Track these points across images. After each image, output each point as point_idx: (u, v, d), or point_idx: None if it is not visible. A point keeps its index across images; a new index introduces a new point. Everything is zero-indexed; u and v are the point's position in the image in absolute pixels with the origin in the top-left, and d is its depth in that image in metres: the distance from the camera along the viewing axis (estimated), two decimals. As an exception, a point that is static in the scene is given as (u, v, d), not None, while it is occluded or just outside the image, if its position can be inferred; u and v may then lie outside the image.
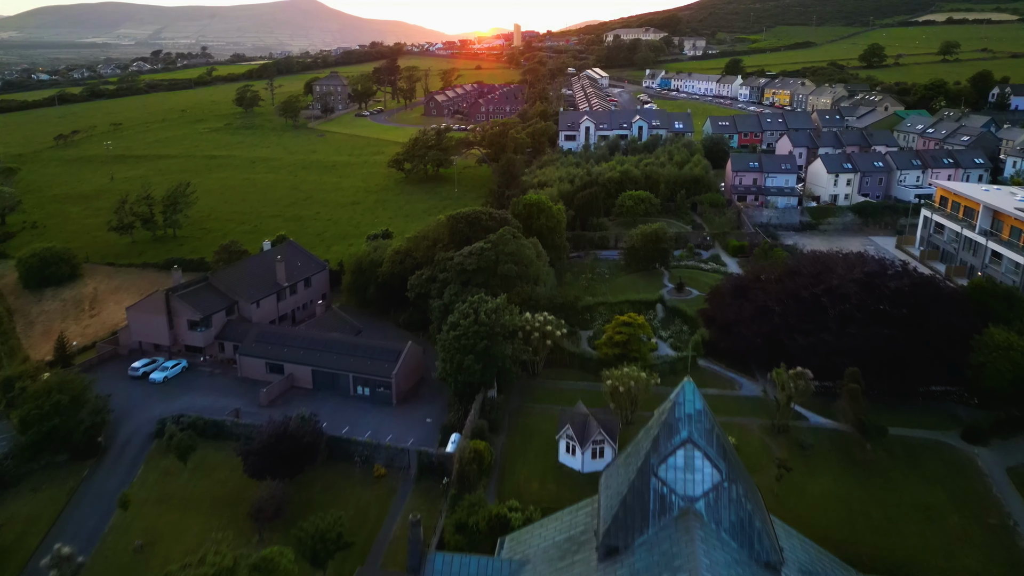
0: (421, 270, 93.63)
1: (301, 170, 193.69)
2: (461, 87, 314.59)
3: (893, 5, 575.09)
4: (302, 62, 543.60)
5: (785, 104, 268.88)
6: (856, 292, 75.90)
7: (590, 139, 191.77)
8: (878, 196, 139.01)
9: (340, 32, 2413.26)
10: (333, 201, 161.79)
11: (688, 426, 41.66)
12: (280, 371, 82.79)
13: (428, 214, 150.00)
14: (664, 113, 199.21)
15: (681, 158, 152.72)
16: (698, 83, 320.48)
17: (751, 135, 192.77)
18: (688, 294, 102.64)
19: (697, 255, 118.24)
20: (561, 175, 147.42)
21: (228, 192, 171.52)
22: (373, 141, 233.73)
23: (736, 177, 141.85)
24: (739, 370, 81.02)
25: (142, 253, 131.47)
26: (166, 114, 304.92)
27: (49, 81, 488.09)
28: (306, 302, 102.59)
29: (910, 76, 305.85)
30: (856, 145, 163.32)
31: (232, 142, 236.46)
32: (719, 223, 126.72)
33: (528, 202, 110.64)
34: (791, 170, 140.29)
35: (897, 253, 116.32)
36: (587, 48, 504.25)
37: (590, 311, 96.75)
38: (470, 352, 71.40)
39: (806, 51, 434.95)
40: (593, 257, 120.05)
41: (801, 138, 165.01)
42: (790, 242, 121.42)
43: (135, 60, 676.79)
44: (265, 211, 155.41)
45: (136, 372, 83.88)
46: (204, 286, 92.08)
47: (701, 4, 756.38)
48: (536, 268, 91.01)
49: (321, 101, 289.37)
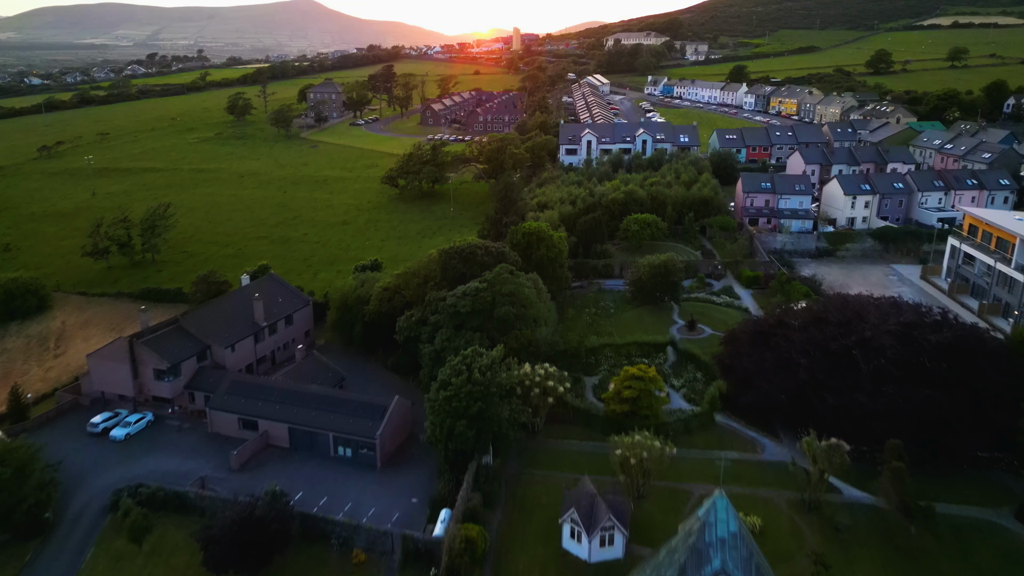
0: (411, 311, 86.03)
1: (291, 185, 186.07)
2: (459, 95, 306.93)
3: (897, 8, 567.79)
4: (298, 66, 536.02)
5: (792, 113, 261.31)
6: (892, 345, 68.25)
7: (592, 153, 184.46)
8: (898, 219, 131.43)
9: (339, 33, 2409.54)
10: (323, 220, 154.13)
11: (722, 553, 34.13)
12: (254, 428, 75.11)
13: (422, 236, 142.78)
14: (669, 126, 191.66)
15: (688, 177, 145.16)
16: (702, 90, 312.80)
17: (760, 149, 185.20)
18: (700, 333, 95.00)
19: (708, 286, 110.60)
20: (562, 196, 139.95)
21: (213, 210, 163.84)
22: (367, 153, 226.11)
23: (747, 198, 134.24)
24: (761, 428, 73.34)
25: (117, 280, 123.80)
26: (156, 122, 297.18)
27: (40, 86, 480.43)
28: (287, 341, 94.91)
29: (919, 83, 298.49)
30: (871, 162, 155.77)
31: (221, 154, 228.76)
32: (731, 250, 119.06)
33: (527, 231, 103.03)
34: (805, 191, 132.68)
35: (923, 285, 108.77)
36: (587, 52, 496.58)
37: (595, 354, 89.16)
38: (462, 416, 63.77)
39: (811, 56, 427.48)
40: (597, 287, 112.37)
41: (813, 154, 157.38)
42: (807, 272, 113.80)
43: (130, 63, 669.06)
44: (251, 232, 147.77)
45: (95, 428, 76.18)
46: (173, 330, 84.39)
47: (703, 7, 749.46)
48: (536, 309, 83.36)
49: (315, 110, 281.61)
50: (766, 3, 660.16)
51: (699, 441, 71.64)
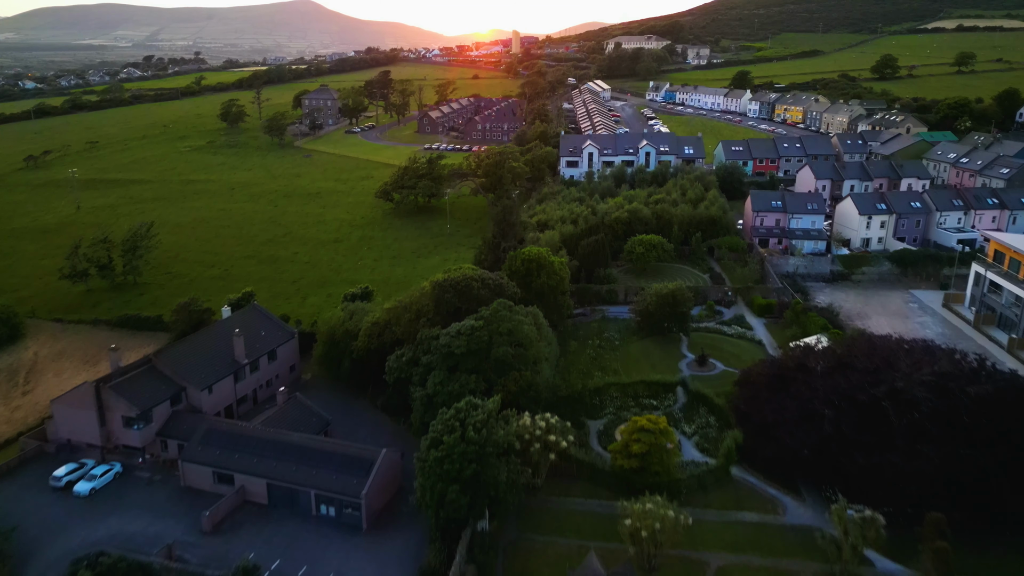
0: (401, 349, 80.00)
1: (283, 199, 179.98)
2: (456, 101, 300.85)
3: (900, 11, 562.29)
4: (295, 70, 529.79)
5: (798, 121, 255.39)
6: (926, 398, 62.29)
7: (594, 165, 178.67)
8: (915, 240, 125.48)
9: (338, 34, 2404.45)
10: (314, 238, 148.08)
11: None
12: (230, 482, 69.06)
13: (416, 255, 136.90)
14: (673, 137, 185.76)
15: (695, 194, 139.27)
16: (704, 97, 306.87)
17: (767, 161, 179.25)
18: (712, 368, 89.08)
19: (718, 314, 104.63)
20: (563, 214, 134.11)
21: (201, 226, 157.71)
22: (362, 163, 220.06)
23: (757, 217, 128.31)
24: (782, 485, 67.27)
25: (96, 305, 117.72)
26: (148, 129, 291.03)
27: (33, 91, 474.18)
28: (270, 377, 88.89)
29: (926, 90, 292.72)
30: (885, 177, 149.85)
31: (213, 164, 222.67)
32: (741, 275, 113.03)
33: (527, 257, 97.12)
34: (818, 210, 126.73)
35: (945, 314, 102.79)
36: (588, 56, 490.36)
37: (599, 394, 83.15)
38: (455, 480, 57.81)
39: (814, 60, 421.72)
40: (600, 315, 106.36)
41: (824, 169, 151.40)
42: (823, 299, 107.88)
43: (126, 66, 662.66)
44: (238, 251, 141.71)
45: (58, 483, 70.07)
46: (145, 371, 78.28)
47: (703, 9, 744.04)
48: (536, 349, 77.33)
49: (310, 117, 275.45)
50: (768, 5, 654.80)
51: (715, 500, 65.64)
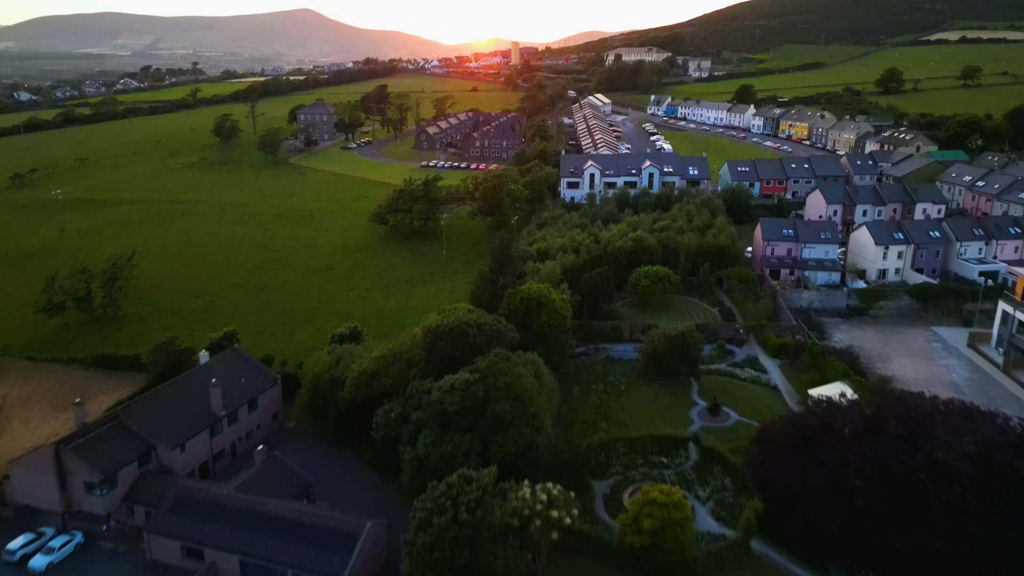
0: (390, 404, 73.90)
1: (274, 221, 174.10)
2: (455, 116, 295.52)
3: (902, 23, 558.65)
4: (292, 82, 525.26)
5: (803, 138, 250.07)
6: (969, 472, 56.21)
7: (595, 186, 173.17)
8: (934, 271, 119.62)
9: (338, 42, 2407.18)
10: (304, 265, 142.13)
11: None
12: (200, 557, 62.82)
13: (411, 284, 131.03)
14: (677, 157, 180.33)
15: (702, 221, 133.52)
16: (707, 111, 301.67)
17: (774, 183, 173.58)
18: (725, 418, 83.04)
19: (730, 354, 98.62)
20: (564, 242, 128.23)
21: (188, 251, 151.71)
22: (357, 182, 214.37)
23: (768, 247, 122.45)
24: (808, 564, 61.00)
25: (72, 341, 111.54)
26: (140, 145, 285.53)
27: (28, 102, 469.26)
28: (251, 429, 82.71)
29: (932, 104, 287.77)
30: (898, 202, 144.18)
31: (204, 182, 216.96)
32: (753, 311, 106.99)
33: (526, 295, 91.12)
34: (831, 239, 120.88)
35: (971, 355, 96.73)
36: (588, 68, 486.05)
37: (605, 450, 76.98)
38: (446, 570, 51.71)
39: (817, 73, 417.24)
40: (604, 355, 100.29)
41: (835, 193, 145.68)
42: (839, 336, 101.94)
43: (123, 77, 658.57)
44: (225, 278, 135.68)
45: (12, 557, 63.79)
46: (112, 428, 72.04)
47: (704, 20, 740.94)
48: (537, 405, 71.19)
49: (305, 133, 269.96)
50: (768, 16, 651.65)
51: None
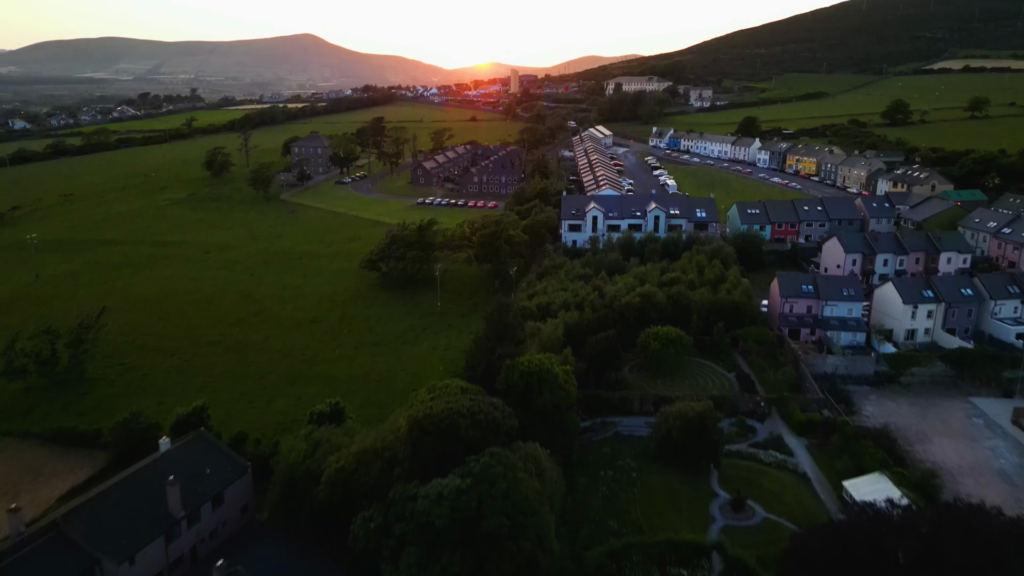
0: (370, 511, 64.57)
1: (261, 265, 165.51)
2: (452, 150, 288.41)
3: (904, 52, 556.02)
4: (289, 110, 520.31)
5: (811, 173, 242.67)
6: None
7: (598, 228, 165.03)
8: (967, 331, 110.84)
9: (339, 67, 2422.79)
10: (289, 318, 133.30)
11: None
12: None
13: (402, 342, 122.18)
14: (684, 199, 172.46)
15: (714, 274, 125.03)
16: (711, 144, 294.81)
17: (786, 226, 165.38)
18: (751, 515, 73.76)
19: (750, 431, 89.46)
20: (567, 297, 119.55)
21: (167, 301, 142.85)
22: (350, 221, 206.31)
23: (786, 304, 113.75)
24: None
25: (32, 409, 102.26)
26: (129, 179, 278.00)
27: (21, 131, 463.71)
28: (216, 527, 73.24)
29: (942, 137, 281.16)
30: (921, 251, 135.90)
31: (191, 221, 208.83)
32: (774, 380, 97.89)
33: (526, 370, 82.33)
34: (855, 297, 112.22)
35: (1017, 435, 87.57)
36: (588, 97, 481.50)
37: (617, 560, 67.57)
38: None
39: (821, 103, 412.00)
40: (612, 431, 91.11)
41: (854, 241, 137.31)
42: (871, 409, 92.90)
43: (120, 104, 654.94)
44: (204, 334, 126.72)
45: None
46: (50, 540, 62.60)
47: (703, 48, 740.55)
48: (539, 518, 61.94)
49: (298, 168, 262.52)
50: (769, 45, 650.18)
51: None
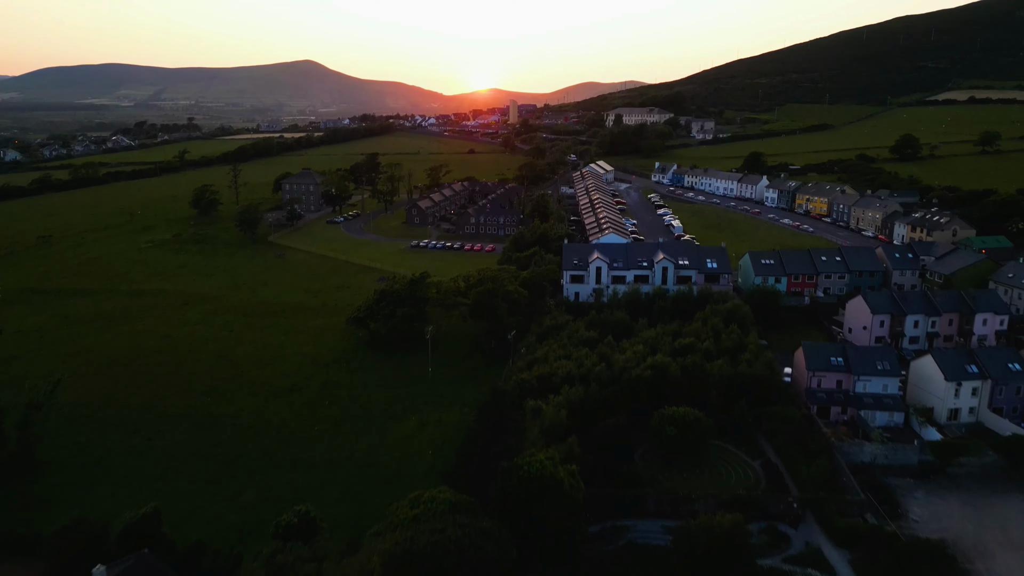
0: None
1: (241, 319, 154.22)
2: (449, 187, 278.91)
3: (907, 82, 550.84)
4: (285, 141, 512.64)
5: (823, 214, 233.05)
6: None
7: (602, 280, 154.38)
8: (1016, 410, 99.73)
9: (339, 93, 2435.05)
10: (266, 384, 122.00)
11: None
12: None
13: (388, 416, 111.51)
14: (694, 248, 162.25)
15: (731, 342, 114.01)
16: (716, 181, 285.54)
17: (803, 278, 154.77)
18: (791, 662, 62.05)
19: (783, 539, 78.00)
20: (570, 368, 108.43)
21: (136, 362, 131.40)
22: (340, 266, 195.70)
23: (813, 378, 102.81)
24: None
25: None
26: (113, 217, 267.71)
27: (11, 162, 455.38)
28: (157, 676, 61.56)
29: (954, 173, 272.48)
30: (954, 311, 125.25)
31: (172, 266, 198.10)
32: (808, 476, 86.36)
33: (526, 476, 71.46)
34: (891, 371, 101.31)
35: (1093, 547, 76.10)
36: (588, 128, 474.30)
37: None
38: None
39: (826, 136, 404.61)
40: (625, 539, 79.58)
41: (881, 301, 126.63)
42: (919, 511, 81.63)
43: (115, 133, 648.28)
44: (171, 405, 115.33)
45: None
46: None
47: (703, 78, 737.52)
48: None
49: (288, 206, 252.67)
50: (770, 75, 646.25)
51: None
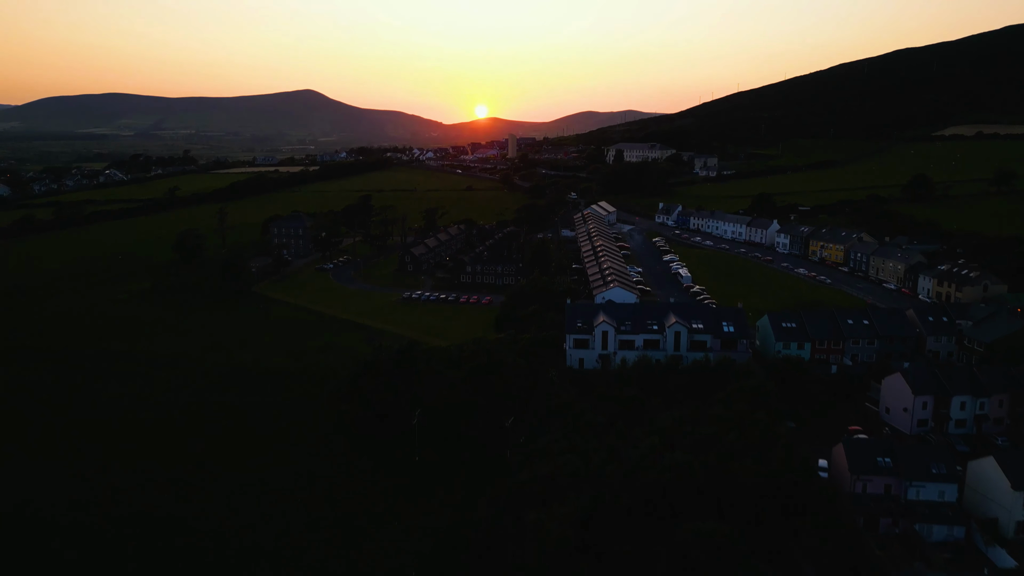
0: None
1: (210, 390, 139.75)
2: (445, 230, 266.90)
3: (911, 116, 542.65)
4: (279, 176, 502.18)
5: (839, 263, 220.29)
6: None
7: (608, 345, 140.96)
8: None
9: (339, 122, 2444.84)
10: (226, 494, 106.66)
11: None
12: None
13: (368, 518, 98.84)
14: (708, 310, 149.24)
15: (760, 434, 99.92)
16: (724, 224, 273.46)
17: (828, 344, 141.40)
18: None
19: None
20: (576, 467, 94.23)
21: (79, 460, 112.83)
22: (327, 321, 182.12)
23: (858, 482, 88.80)
24: None
25: None
26: (90, 264, 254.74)
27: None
28: None
29: (972, 217, 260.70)
30: (1005, 391, 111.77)
31: (145, 322, 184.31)
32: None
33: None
34: (947, 475, 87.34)
35: None
36: (588, 164, 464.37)
37: None
38: None
39: (833, 173, 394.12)
40: None
41: (923, 380, 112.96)
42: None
43: (108, 167, 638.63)
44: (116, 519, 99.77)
45: None
46: None
47: (704, 111, 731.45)
48: None
49: (276, 252, 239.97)
50: (772, 108, 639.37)
51: None
